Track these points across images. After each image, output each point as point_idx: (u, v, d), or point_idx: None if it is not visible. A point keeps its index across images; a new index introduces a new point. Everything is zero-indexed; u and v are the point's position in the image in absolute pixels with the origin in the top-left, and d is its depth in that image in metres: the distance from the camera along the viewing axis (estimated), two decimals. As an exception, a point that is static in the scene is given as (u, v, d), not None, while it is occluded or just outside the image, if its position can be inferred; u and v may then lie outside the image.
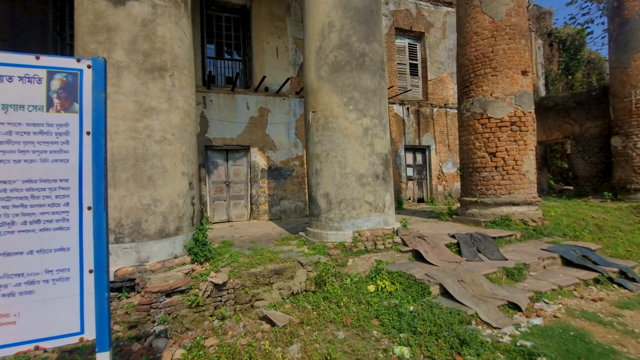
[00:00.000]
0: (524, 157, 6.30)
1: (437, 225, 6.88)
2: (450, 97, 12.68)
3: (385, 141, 5.13)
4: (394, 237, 4.95)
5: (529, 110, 6.39)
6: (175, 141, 4.02)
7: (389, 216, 5.08)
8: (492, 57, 6.37)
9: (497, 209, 6.38)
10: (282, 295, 4.07)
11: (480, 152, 6.58)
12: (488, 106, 6.41)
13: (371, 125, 4.95)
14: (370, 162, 4.92)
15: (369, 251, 4.71)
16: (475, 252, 4.97)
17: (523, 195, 6.29)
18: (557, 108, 11.46)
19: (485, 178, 6.51)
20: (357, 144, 4.87)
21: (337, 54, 4.93)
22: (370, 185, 4.89)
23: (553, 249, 5.05)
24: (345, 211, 4.86)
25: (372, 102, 4.97)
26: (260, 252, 4.83)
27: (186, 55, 4.26)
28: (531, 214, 6.27)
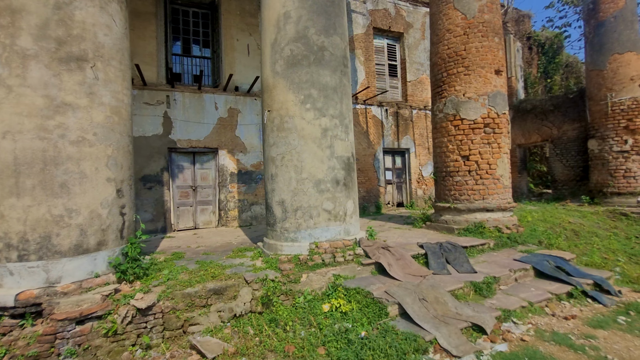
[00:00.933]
0: (498, 160, 6.00)
1: (409, 232, 6.50)
2: (430, 99, 12.44)
3: (347, 143, 4.72)
4: (355, 248, 4.52)
5: (502, 112, 6.10)
6: (98, 142, 3.49)
7: (351, 225, 4.66)
8: (465, 56, 6.06)
9: (471, 215, 6.04)
10: (222, 319, 3.58)
11: (453, 155, 6.25)
12: (461, 107, 6.09)
13: (331, 126, 4.52)
14: (330, 167, 4.49)
15: (326, 265, 4.26)
16: (444, 263, 4.59)
17: (497, 201, 5.98)
18: (535, 111, 11.34)
19: (459, 183, 6.18)
20: (314, 146, 4.44)
21: (293, 48, 4.50)
22: (329, 191, 4.46)
23: (526, 259, 4.72)
24: (301, 220, 4.41)
25: (332, 100, 4.55)
26: (207, 266, 4.33)
27: (116, 45, 3.75)
28: (506, 221, 5.96)
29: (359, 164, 11.02)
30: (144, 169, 8.26)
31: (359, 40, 11.34)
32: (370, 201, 11.14)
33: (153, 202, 8.30)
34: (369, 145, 11.26)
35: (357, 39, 11.31)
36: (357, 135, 11.03)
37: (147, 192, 8.27)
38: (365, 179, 11.14)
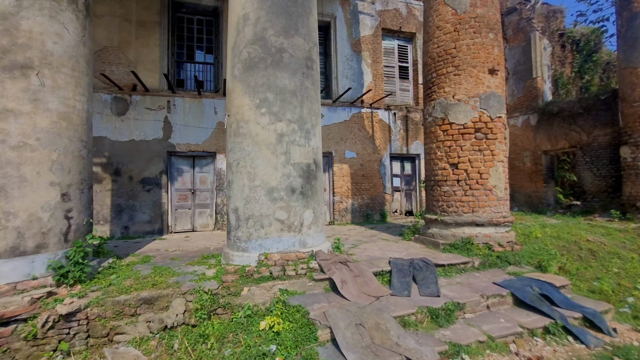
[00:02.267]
0: (491, 169, 5.37)
1: (394, 245, 6.04)
2: (443, 102, 11.70)
3: (307, 149, 4.45)
4: (310, 261, 4.23)
5: (497, 115, 5.47)
6: (42, 147, 3.57)
7: (308, 237, 4.37)
8: (455, 54, 5.54)
9: (458, 229, 5.46)
10: (152, 329, 3.47)
11: (441, 163, 5.71)
12: (450, 110, 5.56)
13: (288, 131, 4.29)
14: (284, 174, 4.25)
15: (274, 278, 4.02)
16: (409, 283, 4.14)
17: (489, 215, 5.35)
18: (562, 114, 10.21)
19: (447, 193, 5.62)
20: (268, 152, 4.23)
21: (250, 50, 4.35)
22: (282, 200, 4.22)
23: (506, 283, 4.12)
24: (252, 230, 4.22)
25: (290, 104, 4.33)
26: (161, 272, 4.28)
27: (67, 53, 3.83)
28: (499, 237, 5.31)
29: (363, 170, 10.62)
30: (143, 172, 8.56)
31: (366, 42, 10.99)
32: (374, 209, 10.68)
33: (151, 204, 8.56)
34: (374, 150, 10.82)
35: (364, 41, 10.96)
36: (362, 140, 10.66)
37: (146, 194, 8.55)
38: (370, 186, 10.70)
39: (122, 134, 8.43)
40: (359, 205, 10.50)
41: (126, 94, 8.50)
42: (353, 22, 10.91)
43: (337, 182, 10.29)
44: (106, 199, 8.25)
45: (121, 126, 8.43)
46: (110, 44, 8.51)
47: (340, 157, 10.38)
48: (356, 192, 10.51)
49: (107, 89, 8.37)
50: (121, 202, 8.34)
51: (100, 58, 8.39)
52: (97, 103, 8.27)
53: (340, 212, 10.26)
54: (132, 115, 8.53)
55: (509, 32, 12.45)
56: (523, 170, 11.83)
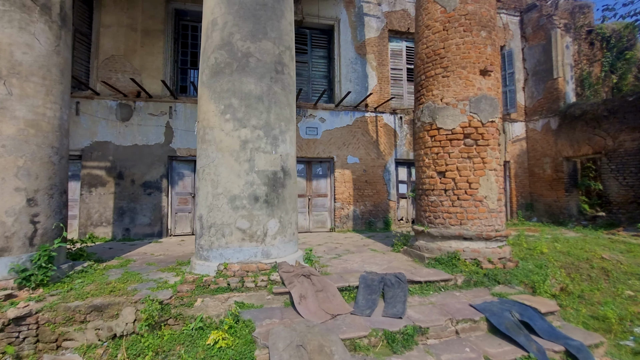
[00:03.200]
0: (481, 178, 4.93)
1: (379, 257, 5.72)
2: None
3: (274, 156, 4.30)
4: (272, 273, 4.06)
5: (489, 120, 5.03)
6: (7, 154, 3.69)
7: (272, 247, 4.20)
8: (444, 55, 5.17)
9: (445, 242, 5.06)
10: (100, 337, 3.45)
11: (428, 171, 5.34)
12: (438, 114, 5.19)
13: (252, 138, 4.17)
14: (248, 182, 4.12)
15: (232, 289, 3.88)
16: (375, 301, 3.85)
17: (478, 228, 4.90)
18: (585, 117, 9.33)
19: (434, 203, 5.24)
20: (232, 159, 4.13)
21: (217, 55, 4.28)
22: (245, 209, 4.09)
23: (483, 306, 3.71)
24: (214, 238, 4.12)
25: (255, 110, 4.21)
26: (127, 278, 4.30)
27: (38, 62, 3.96)
28: (489, 253, 4.85)
29: (366, 176, 10.30)
30: (145, 176, 8.81)
31: (372, 44, 10.71)
32: (377, 216, 10.31)
33: (151, 208, 8.78)
34: (378, 155, 10.47)
35: (370, 44, 10.68)
36: (365, 145, 10.36)
37: (147, 197, 8.78)
38: (373, 192, 10.36)
39: (126, 139, 8.73)
40: (361, 212, 10.18)
41: (130, 101, 8.81)
42: (358, 25, 10.67)
43: (339, 188, 10.05)
44: (109, 202, 8.56)
45: (125, 131, 8.74)
46: (117, 52, 8.87)
47: (343, 163, 10.13)
48: (358, 199, 10.21)
49: (113, 96, 8.72)
50: (123, 205, 8.61)
51: (107, 66, 8.77)
52: (103, 109, 8.64)
53: (341, 218, 10.00)
54: (135, 121, 8.82)
55: (528, 31, 11.65)
56: (543, 177, 10.96)
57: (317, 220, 10.07)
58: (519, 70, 11.93)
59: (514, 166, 11.69)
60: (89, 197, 8.50)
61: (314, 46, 10.69)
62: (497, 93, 5.19)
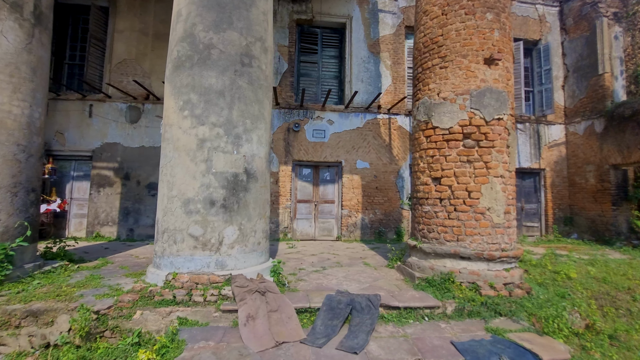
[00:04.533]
0: (483, 186, 4.14)
1: (366, 273, 5.07)
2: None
3: (235, 157, 3.90)
4: (224, 287, 3.63)
5: (495, 117, 4.23)
6: (-35, 150, 3.66)
7: (228, 257, 3.78)
8: (442, 43, 4.47)
9: (438, 261, 4.31)
10: (34, 344, 3.23)
11: (423, 177, 4.63)
12: (434, 111, 4.49)
13: (211, 136, 3.81)
14: (204, 184, 3.75)
15: (177, 303, 3.51)
16: (335, 328, 3.26)
17: (479, 245, 4.10)
18: (638, 118, 7.91)
19: (428, 214, 4.52)
20: (188, 159, 3.79)
21: (179, 49, 4.01)
22: (199, 213, 3.72)
23: (466, 346, 2.96)
24: (166, 245, 3.79)
25: (215, 105, 3.85)
26: (86, 282, 4.14)
27: (4, 60, 3.94)
28: (491, 277, 4.03)
29: (377, 182, 9.61)
30: (150, 177, 8.88)
31: (386, 42, 10.06)
32: (388, 226, 9.55)
33: (155, 209, 8.82)
34: (390, 160, 9.73)
35: (384, 41, 10.05)
36: (377, 149, 9.68)
37: (151, 199, 8.83)
38: (384, 200, 9.62)
39: (134, 140, 8.89)
40: (370, 220, 9.49)
41: (139, 103, 8.98)
42: (372, 22, 10.10)
43: (347, 194, 9.45)
44: (115, 202, 8.73)
45: (133, 133, 8.91)
46: (129, 56, 9.11)
47: (351, 167, 9.54)
48: (368, 207, 9.53)
49: (123, 99, 8.94)
50: (128, 206, 8.75)
51: (119, 70, 9.03)
52: (114, 111, 8.89)
53: (348, 227, 9.38)
54: (143, 123, 8.96)
55: (569, 22, 10.30)
56: (585, 188, 9.50)
57: (323, 228, 9.54)
58: (557, 66, 10.57)
59: (550, 175, 10.31)
60: (97, 196, 8.73)
61: (325, 45, 10.27)
62: (507, 85, 4.38)
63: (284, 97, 9.53)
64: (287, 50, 9.69)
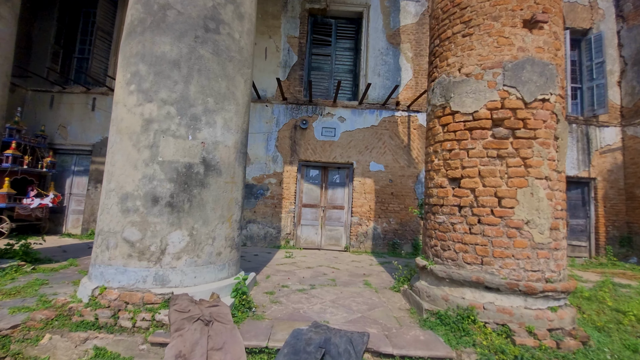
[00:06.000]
0: (520, 191, 3.02)
1: (361, 298, 4.04)
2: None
3: (190, 143, 3.09)
4: (160, 310, 2.79)
5: (539, 96, 3.10)
6: None
7: (173, 271, 2.94)
8: (466, 3, 3.44)
9: (455, 290, 3.21)
10: None
11: (437, 177, 3.57)
12: (453, 91, 3.44)
13: (159, 116, 3.02)
14: (146, 176, 2.96)
15: (98, 327, 2.70)
16: (296, 381, 2.30)
17: (512, 272, 2.97)
18: None
19: (442, 226, 3.44)
20: (130, 144, 3.03)
21: (133, 12, 3.29)
22: (137, 212, 2.92)
23: None
24: (98, 250, 3.03)
25: (167, 79, 3.07)
26: (23, 288, 3.47)
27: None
28: (530, 318, 2.87)
29: (392, 187, 8.52)
30: (147, 174, 8.40)
31: (407, 32, 9.04)
32: (404, 237, 8.40)
33: (151, 208, 8.31)
34: (409, 163, 8.62)
35: (405, 31, 9.03)
36: (393, 149, 8.62)
37: (147, 197, 8.33)
38: (400, 207, 8.50)
39: (133, 136, 8.45)
40: (383, 230, 8.39)
41: (141, 97, 8.55)
42: (392, 10, 9.13)
43: (357, 199, 8.44)
44: (111, 199, 8.28)
45: (133, 128, 8.47)
46: (133, 49, 8.75)
47: (364, 170, 8.53)
48: (381, 214, 8.45)
49: (125, 92, 8.55)
50: (124, 203, 8.26)
51: (122, 63, 8.68)
52: (114, 105, 8.53)
53: (357, 236, 8.34)
54: (143, 118, 8.52)
55: (627, 7, 8.74)
56: (649, 202, 7.84)
57: (330, 237, 8.57)
58: (612, 59, 9.00)
59: (602, 185, 8.69)
60: (94, 192, 8.36)
61: (339, 37, 9.42)
62: (555, 57, 3.24)
63: (292, 91, 8.76)
64: (297, 41, 8.94)
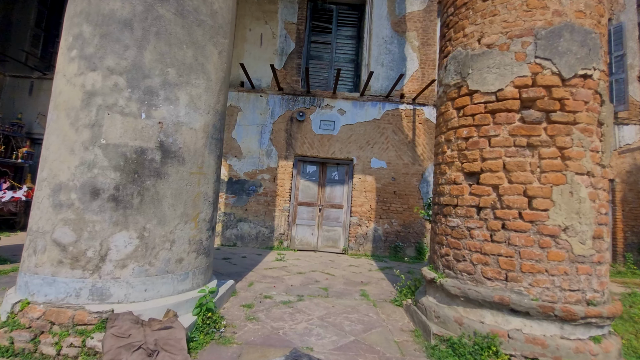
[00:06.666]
0: (557, 190, 2.38)
1: (357, 314, 3.42)
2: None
3: (144, 123, 2.48)
4: (94, 333, 2.18)
5: (579, 71, 2.46)
6: None
7: (115, 282, 2.33)
8: (489, -40, 2.80)
9: (471, 311, 2.58)
10: None
11: (450, 171, 2.94)
12: (471, 67, 2.80)
13: (105, 88, 2.42)
14: (85, 162, 2.36)
15: (14, 353, 2.11)
16: None
17: (546, 292, 2.34)
18: None
19: (456, 232, 2.81)
20: (67, 123, 2.43)
21: (79, -38, 2.69)
22: (72, 208, 2.32)
23: None
24: (26, 254, 2.43)
25: (116, 42, 2.46)
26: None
27: None
28: (568, 350, 2.24)
29: (395, 185, 7.88)
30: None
31: (414, 19, 8.39)
32: (407, 240, 7.77)
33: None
34: (414, 160, 7.98)
35: (411, 18, 8.38)
36: (397, 145, 7.98)
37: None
38: (403, 208, 7.87)
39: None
40: (384, 232, 7.76)
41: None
42: (399, -4, 8.48)
43: (357, 198, 7.82)
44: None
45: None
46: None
47: (364, 167, 7.91)
48: (382, 215, 7.82)
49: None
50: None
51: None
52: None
53: (357, 238, 7.72)
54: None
55: (657, -10, 8.02)
56: (677, 207, 7.14)
57: (327, 238, 7.95)
58: (633, 52, 8.30)
59: (621, 188, 8.01)
60: (75, 187, 7.79)
61: (340, 24, 8.78)
62: (599, 25, 2.60)
63: (289, 81, 8.14)
64: (295, 28, 8.32)
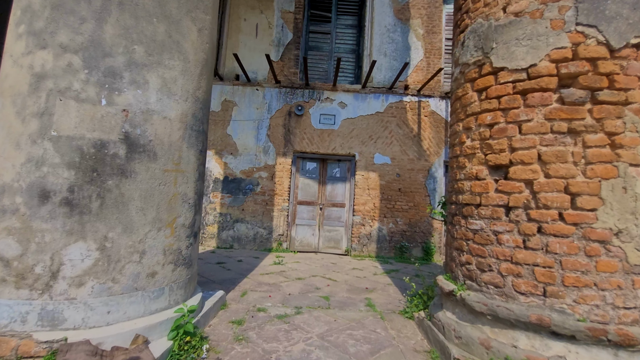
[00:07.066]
0: (606, 185, 1.95)
1: (362, 330, 3.01)
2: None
3: (105, 110, 2.07)
4: (43, 367, 1.78)
5: (634, 39, 2.02)
6: None
7: (70, 304, 1.92)
8: None
9: (501, 332, 2.16)
10: None
11: (470, 164, 2.50)
12: (495, 40, 2.37)
13: (56, 69, 2.00)
14: (33, 158, 1.95)
15: (-59, 396, 1.72)
16: None
17: (594, 311, 1.92)
18: None
19: (480, 235, 2.38)
20: (12, 111, 2.01)
21: None
22: (17, 214, 1.92)
23: None
24: (-35, 271, 2.03)
25: (72, 14, 2.04)
26: None
27: None
28: (625, 382, 1.82)
29: (400, 182, 7.46)
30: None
31: (418, 6, 7.93)
32: (413, 240, 7.35)
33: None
34: (419, 155, 7.55)
35: (415, 5, 7.93)
36: (401, 140, 7.55)
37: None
38: (409, 206, 7.44)
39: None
40: (389, 232, 7.35)
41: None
42: (402, -19, 8.01)
43: (360, 196, 7.40)
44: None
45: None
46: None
47: (367, 163, 7.48)
48: (387, 213, 7.40)
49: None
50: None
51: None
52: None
53: (360, 239, 7.31)
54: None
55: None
56: None
57: (329, 238, 7.55)
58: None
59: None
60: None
61: (340, 12, 8.33)
62: (656, -17, 2.15)
63: (286, 74, 7.71)
64: (292, 17, 7.88)
